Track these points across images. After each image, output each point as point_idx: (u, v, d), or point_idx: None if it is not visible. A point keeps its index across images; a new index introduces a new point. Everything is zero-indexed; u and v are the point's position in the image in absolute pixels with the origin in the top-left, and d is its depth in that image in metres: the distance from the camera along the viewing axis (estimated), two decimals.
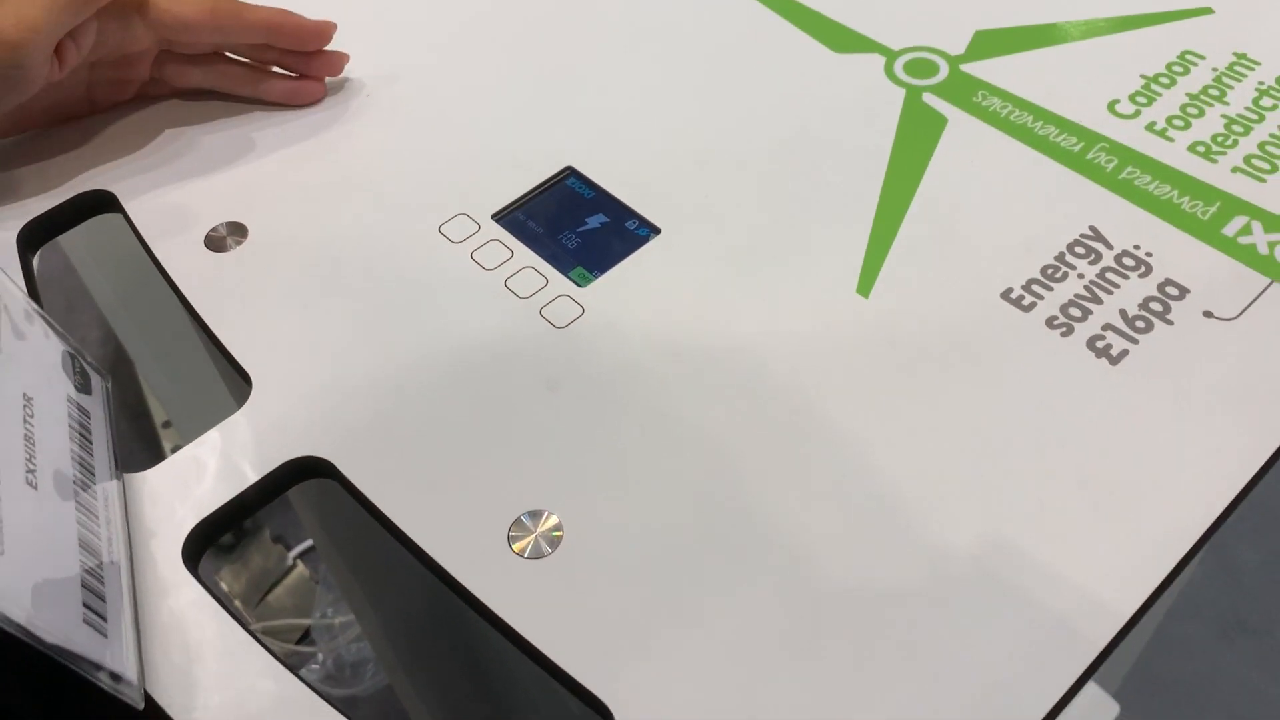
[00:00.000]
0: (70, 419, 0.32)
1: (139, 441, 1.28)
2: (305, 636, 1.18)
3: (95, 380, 0.35)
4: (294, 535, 1.37)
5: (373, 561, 0.65)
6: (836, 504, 0.34)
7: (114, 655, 0.29)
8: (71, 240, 0.83)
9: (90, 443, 0.32)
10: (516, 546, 0.34)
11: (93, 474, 0.32)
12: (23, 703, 0.28)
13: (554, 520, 0.35)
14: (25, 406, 0.29)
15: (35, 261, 0.45)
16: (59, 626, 0.27)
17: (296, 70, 0.49)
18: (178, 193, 0.46)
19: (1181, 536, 0.33)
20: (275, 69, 0.49)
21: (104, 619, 0.30)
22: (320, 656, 1.15)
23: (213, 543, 0.37)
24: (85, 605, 0.29)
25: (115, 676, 0.29)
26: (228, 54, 0.49)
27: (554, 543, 0.34)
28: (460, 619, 0.56)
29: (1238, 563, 1.48)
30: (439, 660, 0.64)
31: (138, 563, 0.35)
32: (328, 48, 0.49)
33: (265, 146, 0.48)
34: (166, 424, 1.27)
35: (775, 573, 0.33)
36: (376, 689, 1.12)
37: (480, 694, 0.62)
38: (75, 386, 0.33)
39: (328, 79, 0.50)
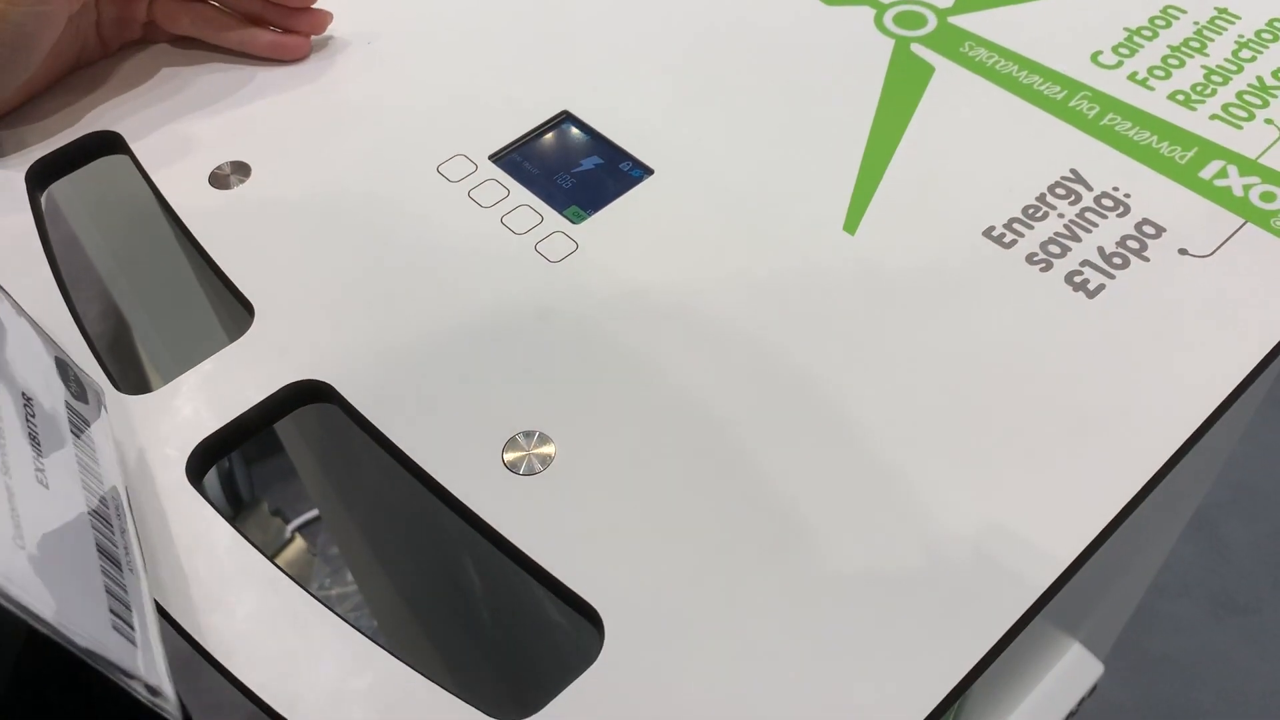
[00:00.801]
0: (71, 424, 0.32)
1: None
2: None
3: (90, 391, 0.35)
4: (292, 509, 1.38)
5: (376, 516, 0.66)
6: (817, 429, 0.36)
7: (147, 665, 0.27)
8: (74, 206, 0.83)
9: (94, 449, 0.32)
10: (509, 458, 0.35)
11: (101, 481, 0.32)
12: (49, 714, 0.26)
13: (546, 440, 0.36)
14: (26, 406, 0.29)
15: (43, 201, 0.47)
16: (89, 629, 0.25)
17: (280, 25, 0.50)
18: (183, 134, 0.47)
19: (1151, 460, 0.34)
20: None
21: (131, 627, 0.28)
22: None
23: (215, 461, 0.38)
24: (112, 611, 0.28)
25: (151, 689, 0.27)
26: (215, 2, 0.50)
27: (546, 461, 0.35)
28: (462, 571, 0.57)
29: (1227, 542, 1.50)
30: (441, 616, 0.65)
31: (141, 480, 0.36)
32: (315, 6, 0.50)
33: (268, 89, 0.49)
34: None
35: (755, 490, 0.34)
36: None
37: (482, 644, 0.63)
38: (72, 394, 0.33)
39: (334, 38, 0.51)
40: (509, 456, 0.35)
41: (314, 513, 1.36)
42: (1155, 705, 1.33)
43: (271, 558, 0.34)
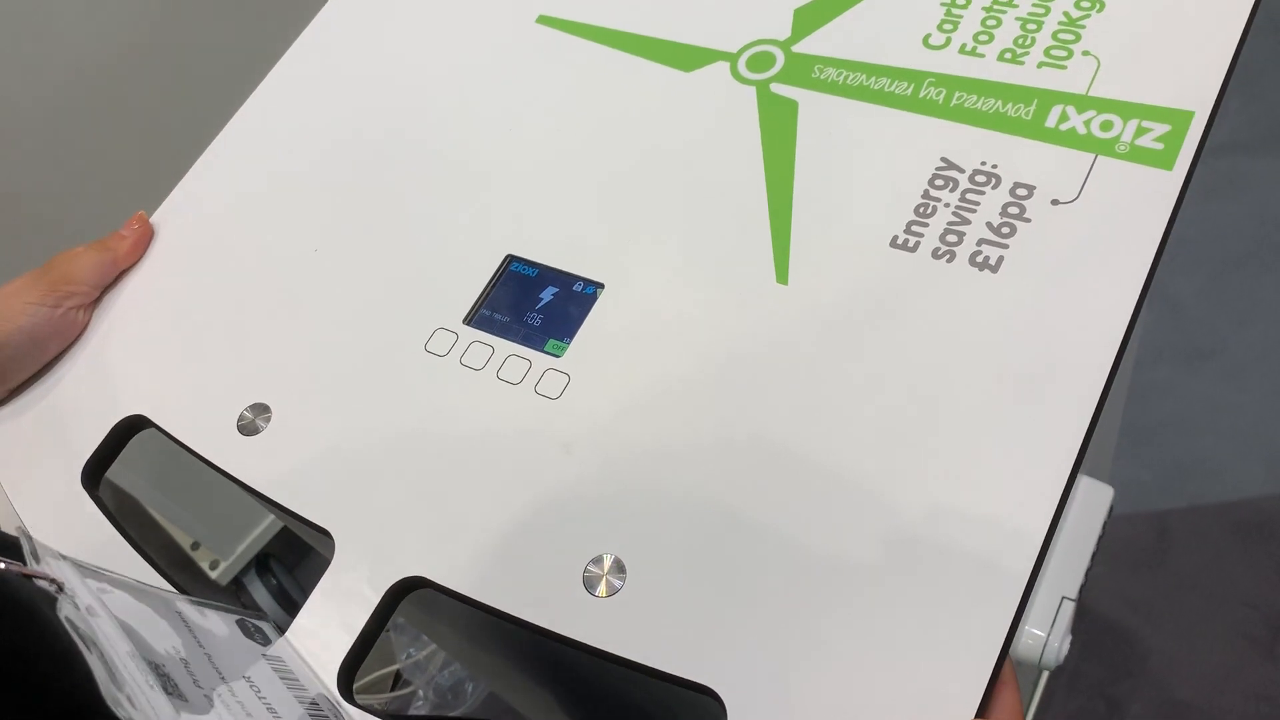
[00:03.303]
0: (278, 674, 0.39)
1: (178, 568, 1.35)
2: (398, 679, 1.27)
3: (267, 627, 0.42)
4: None
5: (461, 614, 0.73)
6: (828, 473, 0.43)
7: None
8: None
9: (298, 681, 0.39)
10: (599, 593, 0.42)
11: (320, 708, 0.39)
12: None
13: (613, 558, 0.43)
14: (250, 685, 0.36)
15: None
16: None
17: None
18: (195, 395, 0.53)
19: (1089, 393, 0.42)
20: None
21: None
22: (420, 692, 1.24)
23: (355, 674, 0.45)
24: None
25: None
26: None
27: (622, 577, 0.42)
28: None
29: (1176, 299, 1.60)
30: (547, 669, 0.72)
31: None
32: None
33: (251, 330, 0.54)
34: (195, 545, 1.34)
35: (800, 539, 0.41)
36: (481, 700, 1.22)
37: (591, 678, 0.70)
38: (261, 644, 0.40)
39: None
40: (591, 586, 0.42)
41: None
42: (1169, 469, 1.44)
43: None
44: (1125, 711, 1.27)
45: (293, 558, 1.46)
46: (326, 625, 0.45)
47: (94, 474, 0.52)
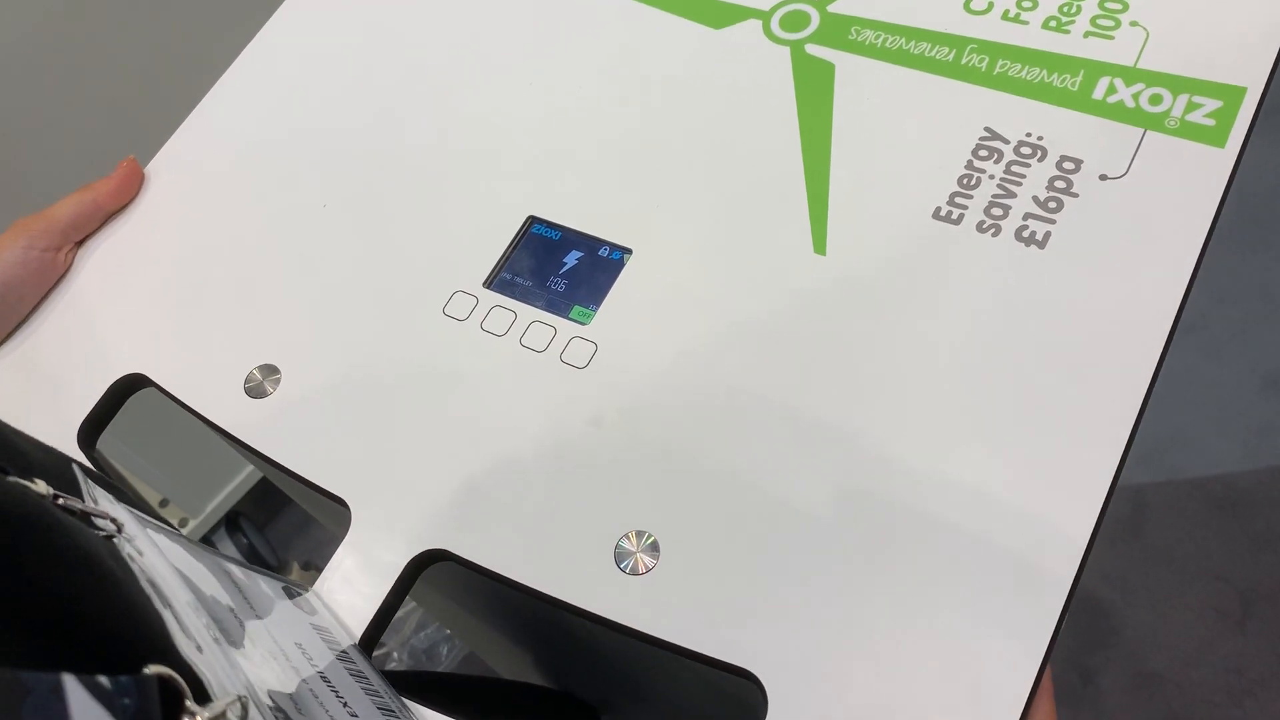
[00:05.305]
0: (319, 635, 0.37)
1: None
2: None
3: (313, 597, 0.41)
4: (320, 556, 1.43)
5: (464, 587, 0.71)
6: (867, 452, 0.41)
7: None
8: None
9: (335, 638, 0.38)
10: (623, 565, 0.40)
11: (353, 660, 0.37)
12: None
13: (647, 535, 0.41)
14: (300, 649, 0.34)
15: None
16: None
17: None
18: (197, 354, 0.50)
19: (1142, 371, 0.41)
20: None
21: None
22: (395, 654, 1.23)
23: (374, 647, 0.43)
24: None
25: None
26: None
27: (655, 554, 0.41)
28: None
29: None
30: (550, 644, 0.71)
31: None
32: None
33: (257, 287, 0.52)
34: (164, 502, 1.31)
35: (831, 514, 0.40)
36: (458, 661, 1.21)
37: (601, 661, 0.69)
38: (308, 614, 0.38)
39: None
40: (623, 563, 0.41)
41: None
42: (1146, 442, 1.44)
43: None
44: (1098, 682, 1.28)
45: (263, 516, 1.44)
46: (344, 597, 0.43)
47: (90, 434, 0.49)
